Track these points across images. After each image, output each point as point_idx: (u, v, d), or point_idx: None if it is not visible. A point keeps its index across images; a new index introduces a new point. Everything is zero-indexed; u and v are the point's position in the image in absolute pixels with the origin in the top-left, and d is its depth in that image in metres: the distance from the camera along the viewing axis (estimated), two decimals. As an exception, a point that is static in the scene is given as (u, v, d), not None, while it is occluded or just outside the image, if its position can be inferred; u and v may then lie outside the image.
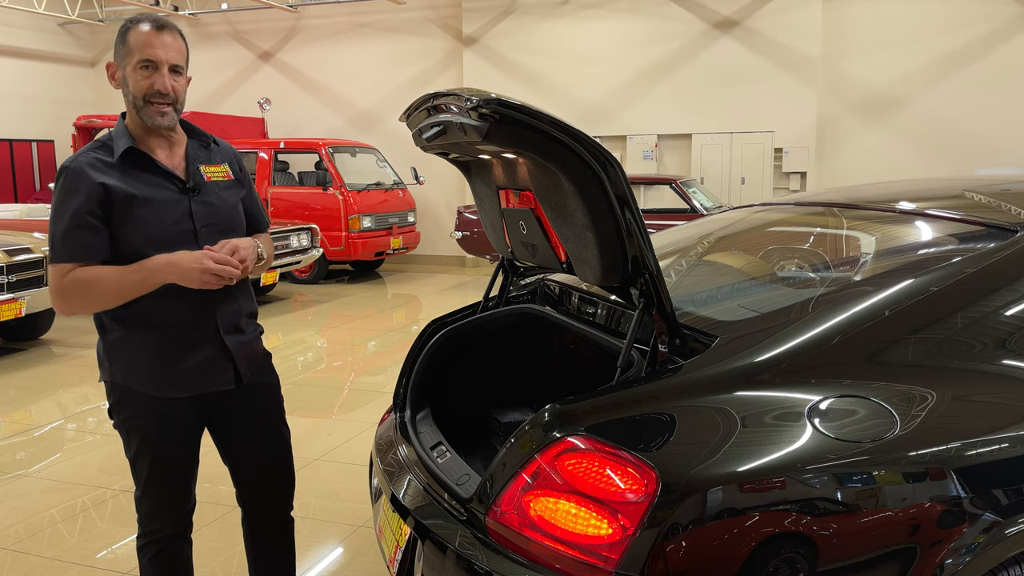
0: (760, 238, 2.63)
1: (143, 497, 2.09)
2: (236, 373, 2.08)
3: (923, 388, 1.65)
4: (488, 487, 1.70)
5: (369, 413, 4.93)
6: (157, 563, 2.13)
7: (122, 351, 2.00)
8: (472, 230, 9.90)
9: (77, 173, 1.89)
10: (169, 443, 2.04)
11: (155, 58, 1.89)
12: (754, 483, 1.47)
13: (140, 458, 2.05)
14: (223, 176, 2.09)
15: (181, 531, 2.16)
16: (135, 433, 2.04)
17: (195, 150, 2.06)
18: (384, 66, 13.11)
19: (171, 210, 1.96)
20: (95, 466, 4.08)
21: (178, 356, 1.99)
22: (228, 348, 2.05)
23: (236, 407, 2.13)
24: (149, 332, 1.97)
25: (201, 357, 2.02)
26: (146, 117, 1.93)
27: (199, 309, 2.00)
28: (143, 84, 1.90)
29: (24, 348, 6.84)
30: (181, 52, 1.95)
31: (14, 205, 9.17)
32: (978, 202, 2.26)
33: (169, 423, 2.03)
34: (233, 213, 2.09)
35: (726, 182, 11.41)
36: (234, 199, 2.11)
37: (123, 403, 2.03)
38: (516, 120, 1.62)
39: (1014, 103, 10.34)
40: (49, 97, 14.42)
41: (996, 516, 1.53)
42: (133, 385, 2.00)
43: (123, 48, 1.92)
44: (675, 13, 11.44)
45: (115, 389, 2.03)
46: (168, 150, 2.01)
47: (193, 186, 2.00)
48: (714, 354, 1.71)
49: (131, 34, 1.91)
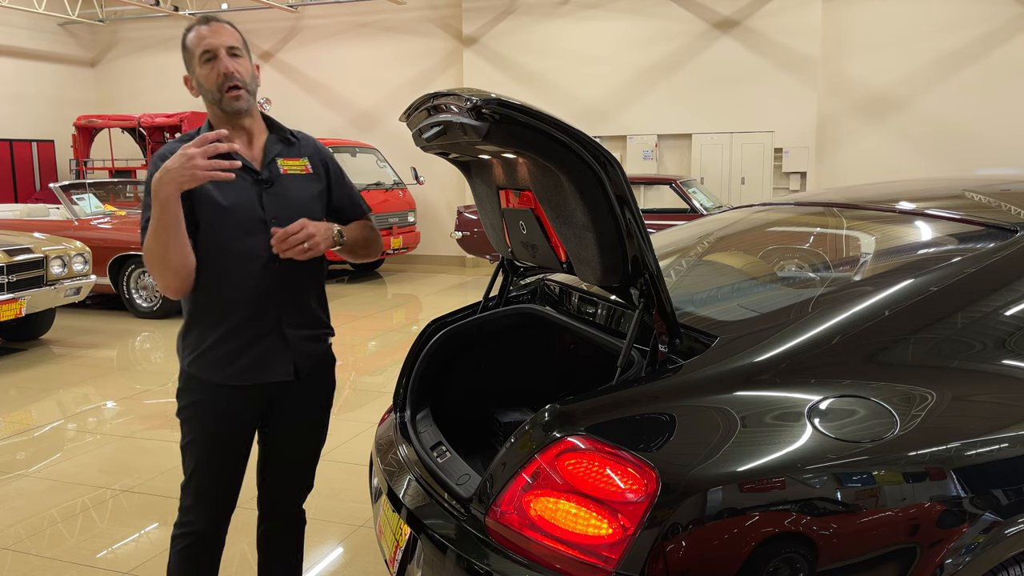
0: (760, 238, 2.63)
1: (186, 487, 2.14)
2: (295, 367, 2.13)
3: (923, 388, 1.65)
4: (488, 487, 1.70)
5: (369, 413, 4.93)
6: (184, 556, 2.15)
7: (192, 340, 2.08)
8: (472, 230, 9.90)
9: (162, 158, 1.97)
10: (221, 434, 2.10)
11: (211, 47, 1.97)
12: (754, 483, 1.47)
13: (192, 446, 2.10)
14: (301, 170, 2.13)
15: (214, 530, 2.17)
16: (192, 420, 2.10)
17: (273, 144, 2.11)
18: (384, 66, 13.11)
19: (244, 200, 2.01)
20: (95, 466, 4.08)
21: (239, 345, 2.05)
22: (287, 340, 2.09)
23: (289, 402, 2.18)
24: (214, 321, 2.04)
25: (262, 348, 2.07)
26: (226, 105, 2.00)
27: (261, 301, 2.05)
28: (211, 76, 1.98)
29: (24, 348, 6.84)
30: (234, 36, 2.02)
31: (14, 205, 9.17)
32: (978, 202, 2.26)
33: (225, 413, 2.09)
34: (308, 205, 2.10)
35: (726, 182, 11.41)
36: (310, 192, 2.13)
37: (187, 389, 2.10)
38: (516, 120, 1.62)
39: (1014, 103, 10.34)
40: (49, 97, 14.42)
41: (996, 516, 1.53)
42: (197, 372, 2.07)
43: (187, 54, 2.02)
44: (675, 13, 11.44)
45: (182, 376, 2.12)
46: (247, 143, 2.08)
47: (267, 178, 2.06)
48: (714, 354, 1.71)
49: (188, 39, 2.01)
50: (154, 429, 4.66)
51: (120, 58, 15.04)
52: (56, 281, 6.58)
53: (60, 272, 6.62)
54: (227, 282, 2.01)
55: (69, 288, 6.68)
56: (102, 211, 8.51)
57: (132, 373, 5.99)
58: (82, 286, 6.81)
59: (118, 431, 4.64)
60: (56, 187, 8.39)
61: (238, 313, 2.03)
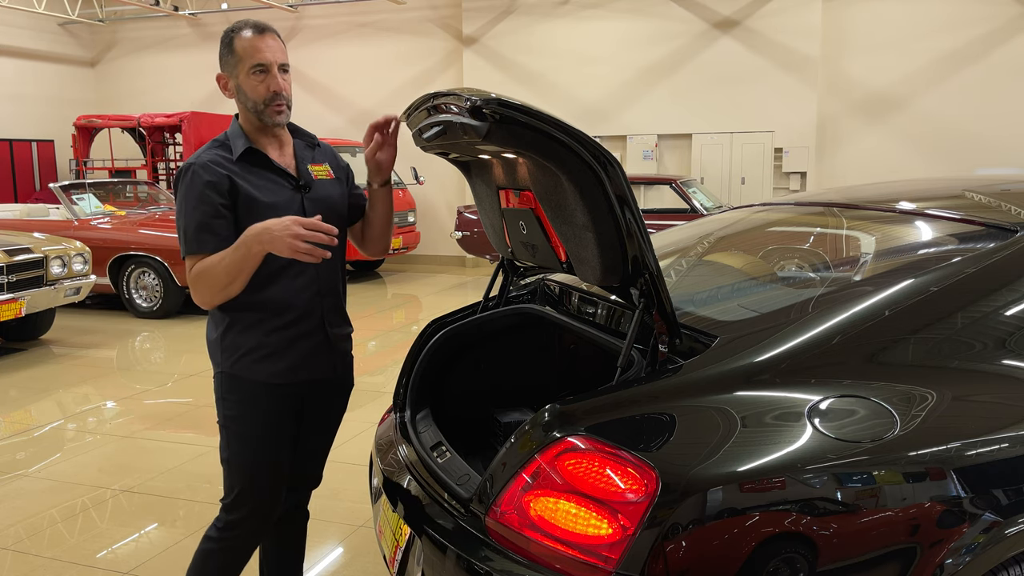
0: (760, 238, 2.63)
1: (240, 497, 2.10)
2: (333, 364, 2.19)
3: (923, 388, 1.65)
4: (488, 487, 1.70)
5: (369, 413, 4.93)
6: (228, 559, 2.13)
7: (231, 340, 2.07)
8: (472, 230, 9.90)
9: (204, 168, 1.98)
10: (274, 434, 2.10)
11: (265, 61, 1.99)
12: (754, 483, 1.47)
13: (243, 450, 2.08)
14: (326, 175, 2.19)
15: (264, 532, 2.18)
16: (240, 423, 2.08)
17: (302, 150, 2.17)
18: (384, 66, 13.11)
19: (286, 206, 2.05)
20: (95, 466, 4.08)
21: (289, 344, 2.08)
22: (330, 339, 2.15)
23: (320, 398, 2.22)
24: (260, 322, 2.05)
25: (307, 346, 2.11)
26: (267, 118, 2.03)
27: (307, 301, 2.09)
28: (260, 89, 2.00)
29: (24, 348, 6.84)
30: (285, 52, 2.05)
31: (14, 205, 9.17)
32: (978, 202, 2.26)
33: (273, 411, 2.09)
34: (341, 208, 2.19)
35: (726, 182, 11.41)
36: (340, 195, 2.21)
37: (232, 391, 2.08)
38: (516, 120, 1.62)
39: (1014, 103, 10.34)
40: (49, 97, 14.42)
41: (996, 516, 1.53)
42: (243, 373, 2.06)
43: (231, 57, 2.01)
44: (675, 13, 11.44)
45: (225, 379, 2.09)
46: (279, 149, 2.12)
47: (305, 184, 2.11)
48: (714, 354, 1.71)
49: (237, 42, 2.00)
50: (154, 429, 4.66)
51: (120, 58, 15.04)
52: (56, 281, 6.58)
53: (60, 272, 6.62)
54: (276, 285, 2.05)
55: (69, 288, 6.68)
56: (102, 211, 8.51)
57: (132, 373, 5.99)
58: (82, 286, 6.82)
59: (118, 431, 4.64)
60: (56, 187, 8.39)
61: (288, 314, 2.07)
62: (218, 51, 2.05)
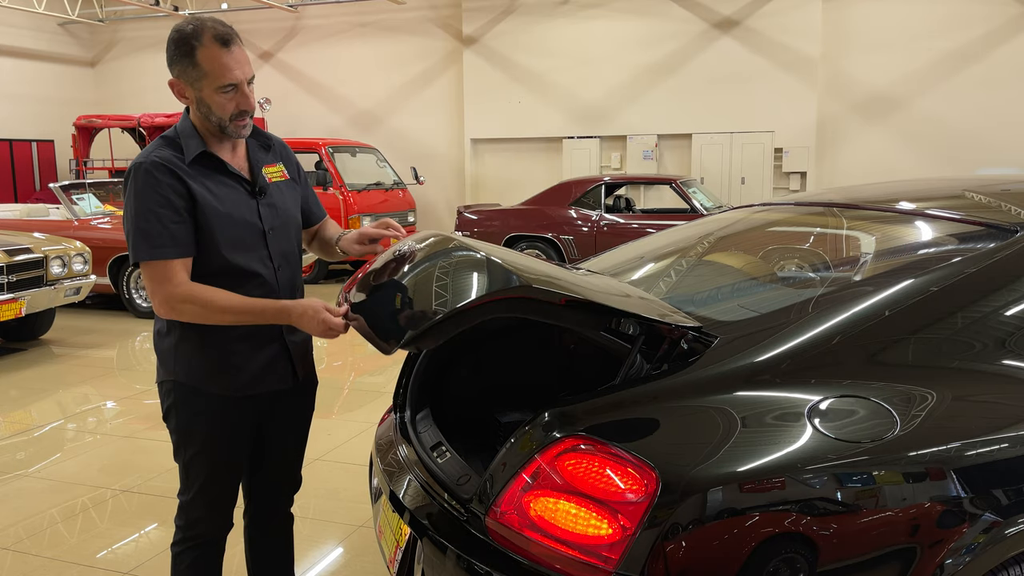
0: (760, 238, 2.63)
1: (194, 501, 2.08)
2: (294, 372, 2.13)
3: (923, 388, 1.65)
4: (488, 487, 1.70)
5: (369, 413, 4.93)
6: (196, 568, 2.13)
7: (188, 350, 1.99)
8: (472, 230, 9.90)
9: (156, 167, 1.87)
10: (229, 444, 2.06)
11: (236, 80, 1.88)
12: (754, 483, 1.47)
13: (198, 460, 2.04)
14: (280, 176, 2.10)
15: (223, 536, 2.18)
16: (195, 434, 2.03)
17: (255, 151, 2.07)
18: (384, 66, 13.12)
19: (242, 213, 1.97)
20: (95, 466, 4.08)
21: (245, 355, 2.01)
22: (288, 348, 2.09)
23: (285, 405, 2.19)
24: (217, 332, 1.97)
25: (265, 357, 2.05)
26: (231, 132, 1.94)
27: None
28: (229, 107, 1.90)
29: (24, 348, 6.84)
30: (249, 62, 1.94)
31: (14, 205, 9.17)
32: (978, 202, 2.26)
33: (230, 424, 2.05)
34: (294, 213, 2.12)
35: (726, 182, 11.42)
36: (294, 198, 2.13)
37: (185, 403, 2.01)
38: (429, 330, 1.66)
39: (1014, 103, 10.34)
40: (49, 97, 14.43)
41: (996, 516, 1.53)
42: (198, 384, 2.00)
43: (193, 70, 1.87)
44: (675, 13, 11.44)
45: (176, 389, 2.01)
46: (232, 151, 2.02)
47: (259, 188, 2.03)
48: (714, 354, 1.71)
49: (201, 55, 1.85)
50: (154, 429, 4.66)
51: (120, 58, 15.04)
52: (56, 281, 6.58)
53: (60, 272, 6.62)
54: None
55: (69, 288, 6.68)
56: (102, 211, 8.52)
57: (132, 373, 5.99)
58: (82, 286, 6.81)
59: (118, 431, 4.64)
60: (56, 187, 8.39)
61: (246, 325, 1.99)
62: (168, 50, 1.89)
